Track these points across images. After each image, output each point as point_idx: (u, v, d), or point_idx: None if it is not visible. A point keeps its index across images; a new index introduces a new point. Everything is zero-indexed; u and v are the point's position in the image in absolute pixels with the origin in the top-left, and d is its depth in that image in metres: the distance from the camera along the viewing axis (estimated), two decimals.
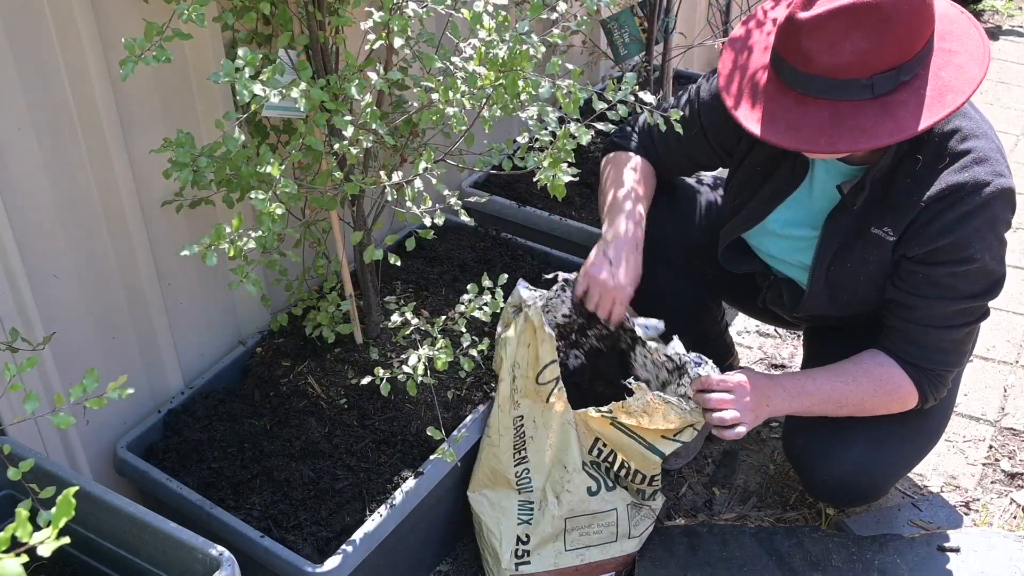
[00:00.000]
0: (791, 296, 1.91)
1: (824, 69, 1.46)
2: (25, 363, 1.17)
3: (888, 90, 1.46)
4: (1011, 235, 3.25)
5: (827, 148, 1.49)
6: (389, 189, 1.50)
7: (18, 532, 0.73)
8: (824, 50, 1.44)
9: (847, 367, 1.76)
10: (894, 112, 1.46)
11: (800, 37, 1.45)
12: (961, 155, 1.59)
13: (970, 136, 1.60)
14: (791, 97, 1.52)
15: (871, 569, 1.91)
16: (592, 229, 2.33)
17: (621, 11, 2.55)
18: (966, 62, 1.51)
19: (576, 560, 1.89)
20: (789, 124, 1.51)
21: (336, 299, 1.93)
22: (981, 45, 1.53)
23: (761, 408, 1.72)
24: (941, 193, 1.58)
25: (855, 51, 1.43)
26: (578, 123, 1.60)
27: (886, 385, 1.73)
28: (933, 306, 1.65)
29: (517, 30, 1.50)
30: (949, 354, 1.71)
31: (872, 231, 1.67)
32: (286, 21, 1.61)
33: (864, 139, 1.47)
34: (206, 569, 1.35)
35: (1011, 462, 2.28)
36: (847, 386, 1.74)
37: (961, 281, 1.63)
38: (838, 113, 1.48)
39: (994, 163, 1.58)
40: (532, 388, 1.83)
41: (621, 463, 1.85)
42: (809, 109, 1.50)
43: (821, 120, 1.49)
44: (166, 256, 1.79)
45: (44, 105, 1.48)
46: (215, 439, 1.80)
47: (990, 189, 1.56)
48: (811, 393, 1.75)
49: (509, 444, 1.84)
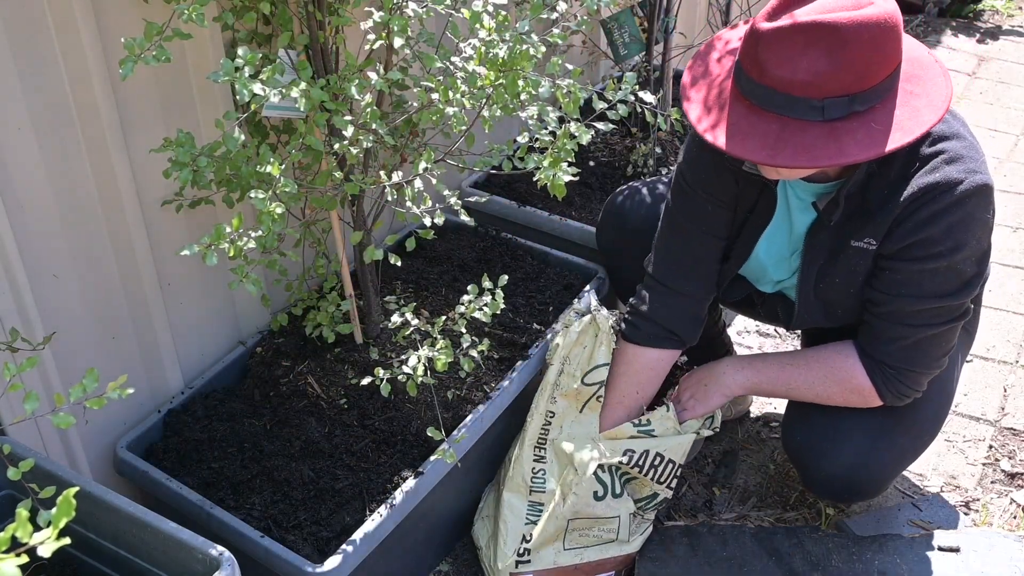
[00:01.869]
0: (786, 312, 1.92)
1: (776, 82, 1.45)
2: (25, 363, 1.17)
3: (839, 116, 1.46)
4: (1011, 235, 3.23)
5: (767, 160, 1.48)
6: (389, 189, 1.50)
7: (18, 532, 0.73)
8: (779, 64, 1.44)
9: (806, 352, 1.85)
10: (839, 138, 1.46)
11: (758, 47, 1.45)
12: (932, 157, 1.59)
13: (942, 138, 1.60)
14: (744, 106, 1.52)
15: (871, 569, 1.91)
16: (591, 229, 2.33)
17: (621, 11, 2.55)
18: (924, 107, 1.50)
19: (575, 559, 1.89)
20: (738, 131, 1.51)
21: (336, 299, 1.93)
22: (944, 95, 1.52)
23: (710, 388, 1.90)
24: (914, 194, 1.58)
25: (809, 70, 1.42)
26: (578, 123, 1.60)
27: (837, 374, 1.76)
28: (900, 303, 1.65)
29: (517, 30, 1.50)
30: (914, 354, 1.70)
31: (853, 244, 1.68)
32: (286, 21, 1.61)
33: (804, 158, 1.46)
34: (206, 569, 1.35)
35: (1011, 462, 2.28)
36: (797, 369, 1.82)
37: (928, 279, 1.62)
38: (786, 128, 1.47)
39: (968, 161, 1.58)
40: (574, 389, 1.89)
41: (656, 455, 1.87)
42: (760, 120, 1.49)
43: (768, 132, 1.48)
44: (166, 256, 1.79)
45: (44, 105, 1.48)
46: (215, 439, 1.80)
47: (963, 188, 1.56)
48: (760, 369, 1.87)
49: (536, 434, 1.90)
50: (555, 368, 1.92)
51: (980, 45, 4.65)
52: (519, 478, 1.89)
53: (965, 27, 4.83)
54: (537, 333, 2.04)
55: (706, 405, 1.91)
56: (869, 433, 1.81)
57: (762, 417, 2.44)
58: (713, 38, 1.66)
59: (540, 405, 1.92)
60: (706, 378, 1.92)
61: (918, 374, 1.73)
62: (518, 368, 1.93)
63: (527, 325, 2.07)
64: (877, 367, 1.73)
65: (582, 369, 1.90)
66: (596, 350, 1.90)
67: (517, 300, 2.15)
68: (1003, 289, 2.87)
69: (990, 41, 4.70)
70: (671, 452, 1.88)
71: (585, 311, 1.95)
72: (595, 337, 1.91)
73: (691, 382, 1.95)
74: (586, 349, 1.91)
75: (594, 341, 1.91)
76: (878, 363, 1.72)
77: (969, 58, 4.50)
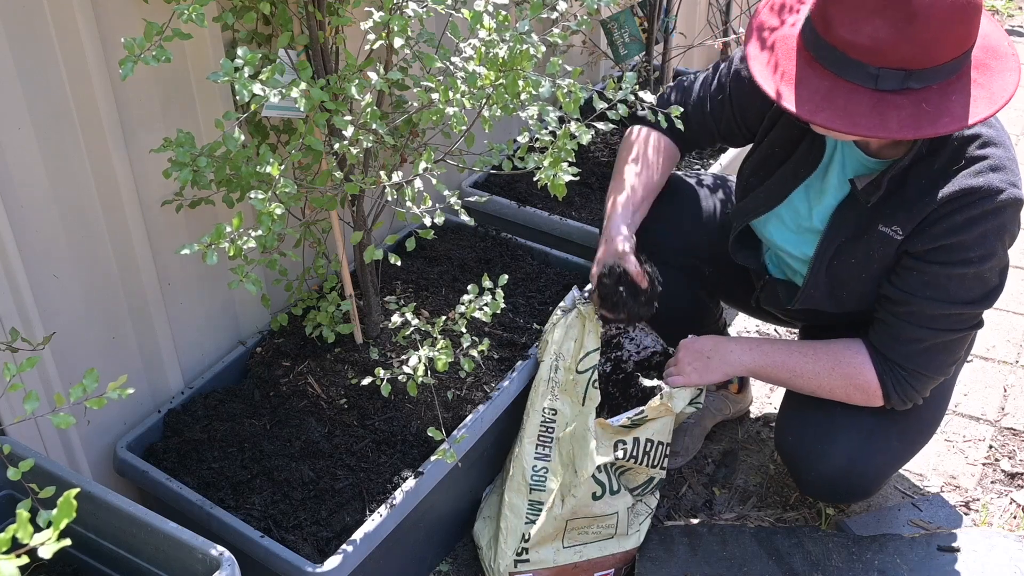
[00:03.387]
0: (787, 293, 1.91)
1: (838, 41, 1.44)
2: (25, 363, 1.17)
3: (891, 88, 1.44)
4: None
5: (805, 115, 1.48)
6: (389, 189, 1.50)
7: (19, 533, 0.73)
8: (844, 23, 1.42)
9: (816, 343, 1.83)
10: (884, 111, 1.44)
11: (829, 2, 1.44)
12: (978, 160, 1.58)
13: (990, 143, 1.59)
14: (804, 57, 1.51)
15: (871, 569, 1.91)
16: (591, 229, 2.33)
17: (621, 11, 2.55)
18: (982, 98, 1.47)
19: (575, 557, 1.89)
20: (788, 80, 1.51)
21: (336, 299, 1.93)
22: (1008, 92, 1.48)
23: (713, 362, 1.87)
24: (954, 195, 1.57)
25: (871, 36, 1.40)
26: (578, 122, 1.60)
27: (845, 368, 1.75)
28: (922, 305, 1.65)
29: (517, 30, 1.50)
30: (928, 358, 1.70)
31: (880, 229, 1.66)
32: (286, 21, 1.61)
33: (841, 122, 1.45)
34: (206, 569, 1.35)
35: (1011, 462, 2.28)
36: (805, 357, 1.80)
37: (956, 284, 1.62)
38: (835, 88, 1.46)
39: (1010, 173, 1.58)
40: (571, 381, 1.88)
41: (646, 441, 1.87)
42: (814, 74, 1.48)
43: (818, 88, 1.48)
44: (166, 256, 1.79)
45: (44, 105, 1.48)
46: (215, 439, 1.80)
47: (1003, 197, 1.55)
48: (767, 352, 1.85)
49: (535, 431, 1.89)
50: (547, 364, 1.91)
51: None
52: (519, 476, 1.89)
53: None
54: (537, 333, 2.04)
55: (704, 378, 1.88)
56: (862, 435, 1.81)
57: (762, 417, 2.44)
58: None
59: (536, 402, 1.91)
60: (710, 351, 1.89)
61: (928, 378, 1.72)
62: (518, 368, 1.93)
63: (527, 325, 2.07)
64: (890, 368, 1.72)
65: (575, 359, 1.88)
66: (585, 338, 1.88)
67: (517, 300, 2.15)
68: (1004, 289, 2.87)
69: None
70: (659, 434, 1.89)
71: (570, 307, 1.93)
72: (582, 327, 1.89)
73: (693, 350, 1.91)
74: (576, 341, 1.90)
75: (582, 331, 1.89)
76: (891, 363, 1.72)
77: None
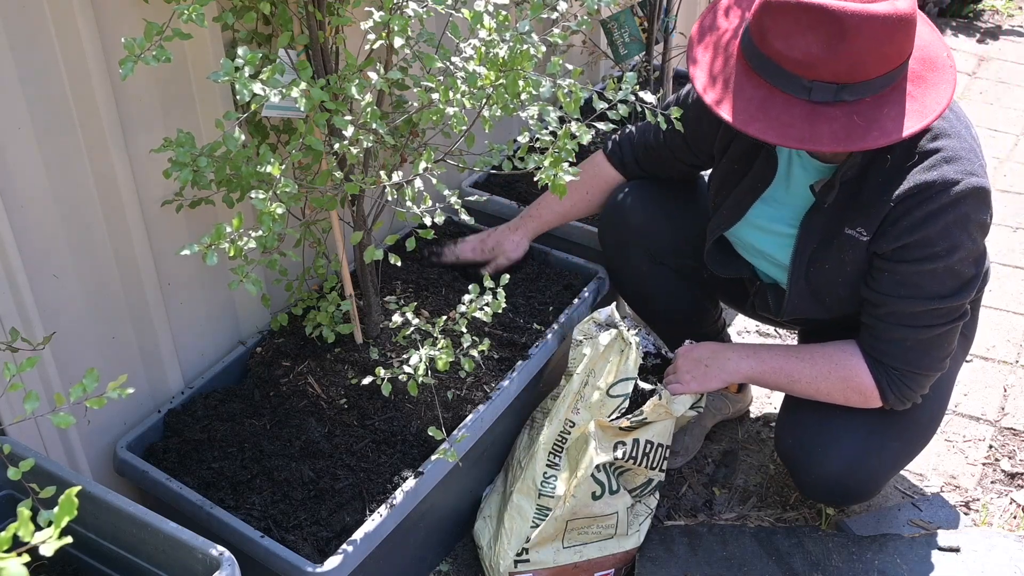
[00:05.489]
0: (776, 300, 1.92)
1: (773, 53, 1.47)
2: (25, 363, 1.17)
3: (824, 100, 1.46)
4: (1011, 235, 3.24)
5: (739, 125, 1.50)
6: (389, 189, 1.50)
7: (20, 532, 0.73)
8: (778, 36, 1.46)
9: (811, 347, 1.83)
10: (816, 122, 1.46)
11: (763, 15, 1.47)
12: (930, 153, 1.58)
13: (941, 135, 1.60)
14: (743, 66, 1.54)
15: (871, 569, 1.91)
16: (591, 229, 2.33)
17: (621, 11, 2.55)
18: (914, 111, 1.49)
19: (575, 556, 1.89)
20: (726, 90, 1.53)
21: (336, 299, 1.93)
22: (939, 106, 1.50)
23: (711, 370, 1.87)
24: (909, 192, 1.57)
25: (804, 51, 1.44)
26: (579, 122, 1.60)
27: (842, 371, 1.75)
28: (899, 304, 1.65)
29: (517, 30, 1.50)
30: (917, 355, 1.70)
31: (846, 232, 1.68)
32: (286, 21, 1.61)
33: (773, 133, 1.48)
34: (206, 569, 1.35)
35: (1011, 462, 2.28)
36: (802, 362, 1.81)
37: (928, 280, 1.62)
38: (770, 98, 1.49)
39: (965, 162, 1.58)
40: (598, 401, 1.87)
41: (646, 443, 1.87)
42: (750, 83, 1.51)
43: (753, 98, 1.50)
44: (166, 256, 1.79)
45: (44, 104, 1.48)
46: (215, 439, 1.80)
47: (959, 188, 1.55)
48: (765, 359, 1.85)
49: (551, 440, 1.89)
50: (579, 379, 1.91)
51: (980, 45, 4.65)
52: (530, 480, 1.88)
53: (965, 27, 4.83)
54: (537, 333, 2.04)
55: (703, 385, 1.89)
56: (861, 436, 1.81)
57: (762, 417, 2.44)
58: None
59: (560, 412, 1.90)
60: (708, 358, 1.90)
61: (922, 376, 1.72)
62: (518, 368, 1.93)
63: (527, 325, 2.07)
64: (882, 369, 1.72)
65: (607, 382, 1.88)
66: (623, 363, 1.88)
67: (517, 300, 2.15)
68: (1003, 289, 2.87)
69: (990, 41, 4.70)
70: (659, 436, 1.89)
71: (607, 323, 1.94)
72: (621, 352, 1.89)
73: (691, 358, 1.92)
74: (611, 363, 1.89)
75: (620, 356, 1.89)
76: (882, 365, 1.72)
77: (969, 58, 4.50)
